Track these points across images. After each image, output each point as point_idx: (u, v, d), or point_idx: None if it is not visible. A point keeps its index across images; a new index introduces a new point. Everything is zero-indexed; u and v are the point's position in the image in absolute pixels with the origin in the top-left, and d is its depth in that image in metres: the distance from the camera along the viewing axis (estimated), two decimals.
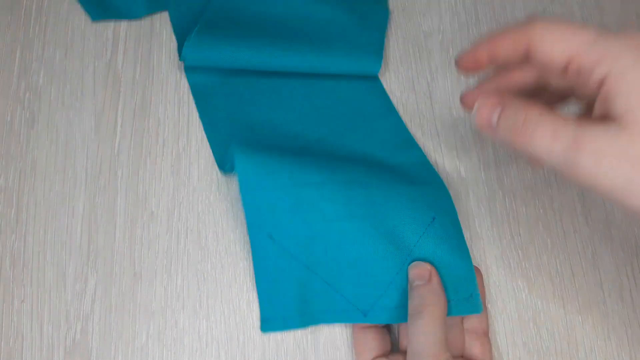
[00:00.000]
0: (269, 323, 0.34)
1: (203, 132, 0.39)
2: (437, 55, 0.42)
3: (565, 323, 0.36)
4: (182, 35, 0.41)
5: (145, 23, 0.41)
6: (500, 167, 0.39)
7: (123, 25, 0.41)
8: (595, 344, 0.35)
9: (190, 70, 0.40)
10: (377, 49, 0.40)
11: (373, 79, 0.41)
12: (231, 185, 0.38)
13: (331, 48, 0.39)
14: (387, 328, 0.34)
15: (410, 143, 0.39)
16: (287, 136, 0.39)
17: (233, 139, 0.38)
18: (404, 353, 0.31)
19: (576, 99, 0.29)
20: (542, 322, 0.36)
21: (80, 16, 0.42)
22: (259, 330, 0.35)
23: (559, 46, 0.25)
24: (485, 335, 0.33)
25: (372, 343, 0.32)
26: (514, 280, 0.36)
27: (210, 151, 0.39)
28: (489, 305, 0.36)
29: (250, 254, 0.36)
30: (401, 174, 0.37)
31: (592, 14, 0.43)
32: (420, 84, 0.41)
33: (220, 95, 0.39)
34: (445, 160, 0.39)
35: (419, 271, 0.32)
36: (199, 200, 0.38)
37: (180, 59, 0.40)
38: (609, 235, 0.38)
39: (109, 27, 0.41)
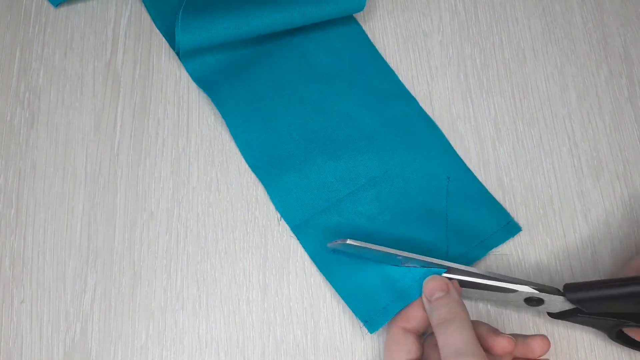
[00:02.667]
0: (372, 323, 0.34)
1: (203, 132, 0.39)
2: (437, 55, 0.42)
3: (565, 322, 0.36)
4: (166, 29, 0.41)
5: (145, 23, 0.41)
6: (500, 167, 0.39)
7: (123, 25, 0.41)
8: (595, 343, 0.35)
9: (185, 58, 0.40)
10: None
11: (355, 25, 0.42)
12: (231, 185, 0.38)
13: None
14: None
15: (404, 94, 0.40)
16: (291, 99, 0.40)
17: (244, 110, 0.39)
18: None
19: None
20: (542, 322, 0.36)
21: (80, 16, 0.42)
22: (259, 330, 0.35)
23: None
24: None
25: (411, 346, 0.32)
26: None
27: (210, 151, 0.39)
28: (488, 305, 0.36)
29: (248, 254, 0.36)
30: (404, 131, 0.39)
31: (592, 14, 0.43)
32: (420, 84, 0.41)
33: (219, 74, 0.40)
34: None
35: (438, 284, 0.32)
36: (198, 200, 0.38)
37: (175, 50, 0.40)
38: (609, 235, 0.38)
39: (109, 27, 0.41)
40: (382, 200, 0.37)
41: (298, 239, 0.36)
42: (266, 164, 0.38)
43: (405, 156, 0.38)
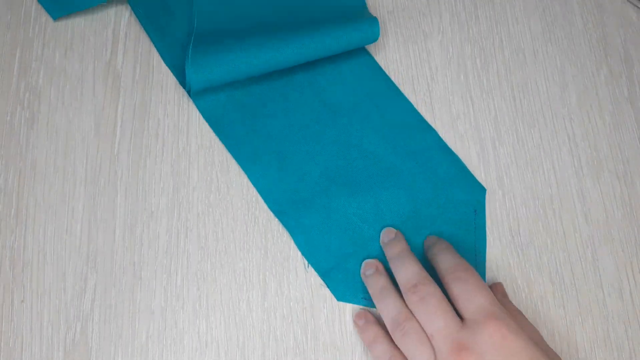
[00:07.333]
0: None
1: (203, 132, 0.39)
2: (437, 55, 0.42)
3: (565, 323, 0.36)
4: (174, 64, 0.40)
5: None
6: (500, 167, 0.39)
7: (123, 25, 0.41)
8: (595, 344, 0.35)
9: (196, 96, 0.39)
10: (367, 16, 0.40)
11: (367, 57, 0.41)
12: (231, 185, 0.38)
13: (325, 25, 0.39)
14: None
15: (423, 125, 0.40)
16: (308, 138, 0.39)
17: (259, 152, 0.38)
18: None
19: None
20: (542, 322, 0.36)
21: (80, 16, 0.42)
22: (259, 330, 0.35)
23: None
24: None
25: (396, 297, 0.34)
26: (514, 280, 0.36)
27: (210, 151, 0.39)
28: None
29: (249, 254, 0.37)
30: (425, 165, 0.39)
31: (592, 14, 0.43)
32: (420, 84, 0.41)
33: (232, 112, 0.39)
34: None
35: (386, 231, 0.37)
36: (199, 200, 0.38)
37: (185, 89, 0.39)
38: (609, 235, 0.38)
39: (109, 27, 0.41)
40: (410, 239, 0.37)
41: (327, 285, 0.36)
42: (289, 208, 0.37)
43: (429, 191, 0.38)
